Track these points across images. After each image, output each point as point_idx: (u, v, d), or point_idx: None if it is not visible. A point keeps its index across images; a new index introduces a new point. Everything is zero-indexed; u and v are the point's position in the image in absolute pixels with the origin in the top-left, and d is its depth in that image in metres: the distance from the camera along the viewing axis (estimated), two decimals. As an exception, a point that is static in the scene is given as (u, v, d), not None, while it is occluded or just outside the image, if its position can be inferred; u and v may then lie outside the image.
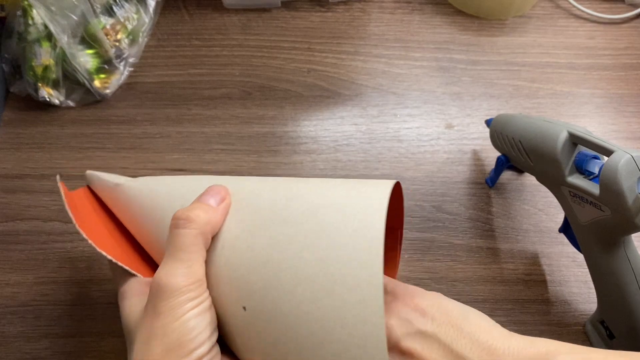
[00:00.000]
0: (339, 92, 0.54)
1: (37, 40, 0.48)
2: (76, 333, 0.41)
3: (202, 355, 0.24)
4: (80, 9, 0.48)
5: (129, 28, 0.53)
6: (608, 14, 0.58)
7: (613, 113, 0.53)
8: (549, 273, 0.45)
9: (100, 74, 0.52)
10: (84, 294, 0.43)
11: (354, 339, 0.24)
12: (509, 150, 0.42)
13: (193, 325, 0.24)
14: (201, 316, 0.25)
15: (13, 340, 0.41)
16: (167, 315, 0.24)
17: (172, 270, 0.25)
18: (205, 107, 0.52)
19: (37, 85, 0.49)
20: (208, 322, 0.25)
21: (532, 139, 0.39)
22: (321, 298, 0.25)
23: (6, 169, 0.49)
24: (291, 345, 0.25)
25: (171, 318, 0.24)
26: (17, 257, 0.45)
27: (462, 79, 0.54)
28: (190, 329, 0.24)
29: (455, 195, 0.48)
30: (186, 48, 0.56)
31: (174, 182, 0.34)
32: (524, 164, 0.41)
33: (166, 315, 0.24)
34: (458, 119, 0.52)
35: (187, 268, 0.25)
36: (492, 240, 0.46)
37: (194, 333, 0.24)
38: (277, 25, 0.58)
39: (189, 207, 0.27)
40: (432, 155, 0.50)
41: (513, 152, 0.41)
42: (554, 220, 0.47)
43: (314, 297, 0.25)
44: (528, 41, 0.57)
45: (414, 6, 0.59)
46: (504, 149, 0.43)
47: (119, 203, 0.35)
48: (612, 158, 0.32)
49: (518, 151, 0.40)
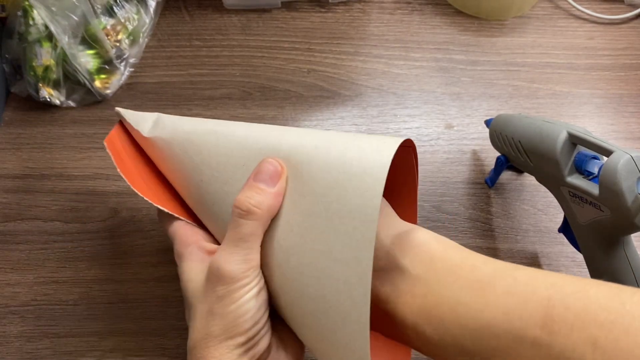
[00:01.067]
0: (339, 92, 0.54)
1: (38, 41, 0.48)
2: (77, 333, 0.42)
3: (255, 332, 0.27)
4: (80, 9, 0.48)
5: (130, 28, 0.53)
6: (607, 14, 0.59)
7: (612, 113, 0.53)
8: (548, 273, 0.45)
9: (101, 74, 0.52)
10: (84, 293, 0.43)
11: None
12: (509, 151, 0.42)
13: (248, 308, 0.27)
14: (254, 299, 0.27)
15: (14, 340, 0.41)
16: (225, 298, 0.27)
17: (232, 257, 0.27)
18: (205, 107, 0.52)
19: (38, 85, 0.49)
20: (261, 303, 0.28)
21: (531, 139, 0.39)
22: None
23: (7, 169, 0.49)
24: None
25: (228, 301, 0.27)
26: (17, 256, 0.45)
27: (462, 79, 0.55)
28: (245, 310, 0.27)
29: (454, 195, 0.48)
30: (186, 48, 0.56)
31: (207, 139, 0.33)
32: (524, 164, 0.41)
33: (224, 299, 0.27)
34: (458, 119, 0.52)
35: (245, 255, 0.27)
36: (492, 240, 0.46)
37: (248, 315, 0.27)
38: (277, 26, 0.58)
39: (249, 194, 0.28)
40: (431, 155, 0.50)
41: (513, 152, 0.41)
42: (554, 220, 0.47)
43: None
44: (528, 41, 0.57)
45: (413, 7, 0.59)
46: (503, 149, 0.43)
47: (152, 151, 0.35)
48: (612, 158, 0.32)
49: (518, 151, 0.41)
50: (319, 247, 0.27)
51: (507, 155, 0.43)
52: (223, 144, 0.32)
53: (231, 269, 0.27)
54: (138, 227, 0.46)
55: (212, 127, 0.33)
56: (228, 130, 0.32)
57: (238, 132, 0.32)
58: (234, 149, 0.31)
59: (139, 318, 0.42)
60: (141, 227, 0.46)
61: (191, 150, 0.33)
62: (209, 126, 0.33)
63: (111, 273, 0.44)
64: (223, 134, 0.32)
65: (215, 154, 0.32)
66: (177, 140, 0.33)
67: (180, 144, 0.33)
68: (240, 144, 0.31)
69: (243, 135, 0.32)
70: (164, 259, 0.44)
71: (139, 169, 0.36)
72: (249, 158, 0.30)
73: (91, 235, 0.45)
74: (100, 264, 0.44)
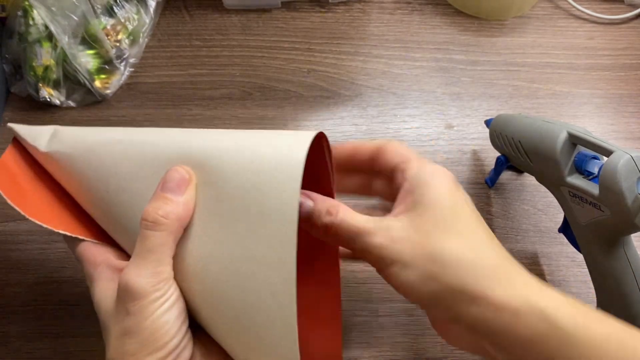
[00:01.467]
0: (339, 92, 0.54)
1: (38, 41, 0.48)
2: (77, 333, 0.42)
3: (175, 345, 0.26)
4: (80, 9, 0.48)
5: (130, 28, 0.53)
6: (607, 14, 0.59)
7: (612, 113, 0.53)
8: (548, 273, 0.45)
9: (101, 74, 0.52)
10: (84, 293, 0.43)
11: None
12: (509, 151, 0.42)
13: (164, 321, 0.26)
14: (170, 311, 0.26)
15: (14, 340, 0.41)
16: (137, 314, 0.25)
17: (140, 271, 0.26)
18: (205, 107, 0.52)
19: (38, 85, 0.49)
20: (178, 314, 0.27)
21: (531, 139, 0.39)
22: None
23: (7, 169, 0.49)
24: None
25: (142, 317, 0.25)
26: (17, 256, 0.45)
27: (462, 79, 0.55)
28: (161, 324, 0.26)
29: (455, 195, 0.48)
30: (186, 48, 0.56)
31: (112, 149, 0.31)
32: (524, 164, 0.41)
33: (137, 315, 0.25)
34: (458, 119, 0.52)
35: (155, 268, 0.26)
36: (492, 240, 0.46)
37: (165, 328, 0.26)
38: (277, 26, 0.58)
39: (156, 204, 0.27)
40: (431, 155, 0.50)
41: (513, 153, 0.41)
42: (554, 220, 0.47)
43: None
44: (527, 41, 0.57)
45: (413, 7, 0.59)
46: (503, 149, 0.43)
47: (51, 167, 0.33)
48: (612, 158, 0.32)
49: (518, 151, 0.41)
50: (240, 252, 0.26)
51: (507, 155, 0.43)
52: (131, 154, 0.30)
53: (140, 284, 0.25)
54: (138, 227, 0.46)
55: (118, 137, 0.31)
56: (137, 138, 0.31)
57: (148, 139, 0.30)
58: (142, 158, 0.30)
59: (139, 318, 0.42)
60: (141, 227, 0.46)
61: (95, 162, 0.31)
62: (115, 135, 0.31)
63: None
64: (131, 142, 0.30)
65: (121, 164, 0.30)
66: (79, 153, 0.31)
67: (82, 156, 0.31)
68: (149, 153, 0.30)
69: (152, 143, 0.30)
70: (164, 259, 0.44)
71: (38, 191, 0.34)
72: (159, 167, 0.29)
73: (91, 235, 0.45)
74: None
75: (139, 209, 0.28)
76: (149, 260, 0.26)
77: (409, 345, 0.42)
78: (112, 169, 0.30)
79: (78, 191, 0.32)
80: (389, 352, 0.41)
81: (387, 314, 0.43)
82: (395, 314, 0.43)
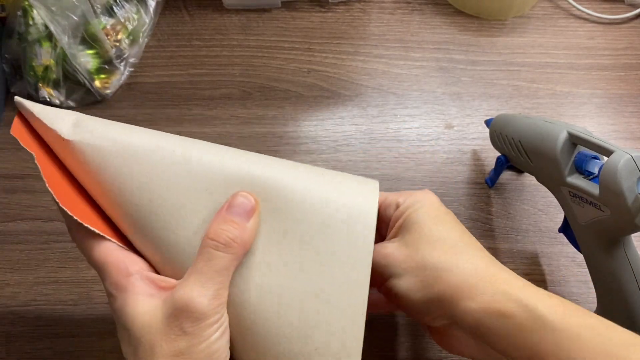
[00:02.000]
0: (339, 92, 0.54)
1: (38, 41, 0.48)
2: (77, 333, 0.42)
3: None
4: (80, 9, 0.48)
5: (130, 28, 0.53)
6: (608, 14, 0.59)
7: (613, 113, 0.53)
8: (548, 273, 0.45)
9: (101, 74, 0.52)
10: (84, 293, 0.43)
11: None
12: (509, 150, 0.42)
13: (217, 347, 0.26)
14: (222, 337, 0.26)
15: (14, 340, 0.41)
16: (194, 336, 0.25)
17: (204, 291, 0.25)
18: (205, 107, 0.52)
19: (38, 85, 0.49)
20: (227, 341, 0.27)
21: (531, 139, 0.39)
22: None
23: (7, 168, 0.49)
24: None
25: (198, 340, 0.25)
26: (17, 257, 0.45)
27: (462, 79, 0.55)
28: (214, 350, 0.25)
29: (455, 195, 0.48)
30: (186, 48, 0.56)
31: (159, 155, 0.29)
32: (524, 164, 0.41)
33: (193, 337, 0.25)
34: (458, 119, 0.52)
35: (217, 290, 0.26)
36: (492, 240, 0.46)
37: (217, 354, 0.26)
38: (277, 26, 0.58)
39: (225, 227, 0.27)
40: (432, 155, 0.50)
41: (513, 152, 0.41)
42: (554, 220, 0.47)
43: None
44: (528, 41, 0.57)
45: (413, 6, 0.59)
46: (503, 149, 0.43)
47: (72, 157, 0.29)
48: (612, 158, 0.32)
49: (518, 151, 0.40)
50: (304, 288, 0.27)
51: (507, 155, 0.43)
52: (179, 164, 0.28)
53: (203, 304, 0.25)
54: (138, 227, 0.46)
55: (162, 143, 0.29)
56: (183, 148, 0.29)
57: (199, 154, 0.29)
58: (195, 171, 0.28)
59: (139, 318, 0.42)
60: (141, 227, 0.46)
61: (136, 166, 0.28)
62: (158, 141, 0.29)
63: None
64: (179, 153, 0.29)
65: (168, 175, 0.28)
66: (114, 150, 0.29)
67: (120, 155, 0.28)
68: (202, 167, 0.29)
69: (202, 158, 0.29)
70: (164, 259, 0.44)
71: (53, 176, 0.30)
72: (214, 184, 0.28)
73: (91, 235, 0.45)
74: (100, 264, 0.44)
75: (188, 224, 0.28)
76: (213, 282, 0.26)
77: (409, 345, 0.42)
78: (159, 175, 0.28)
79: (103, 189, 0.29)
80: (389, 352, 0.41)
81: (387, 314, 0.43)
82: (395, 314, 0.43)
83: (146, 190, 0.28)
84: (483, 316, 0.28)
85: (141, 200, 0.28)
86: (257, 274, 0.27)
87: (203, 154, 0.29)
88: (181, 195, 0.28)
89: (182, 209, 0.28)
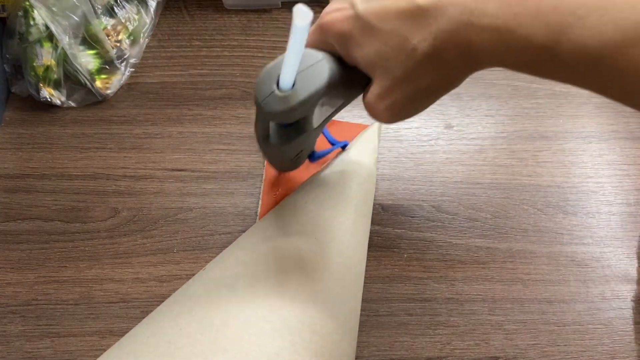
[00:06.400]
0: (339, 92, 0.54)
1: (39, 41, 0.48)
2: (77, 333, 0.42)
3: None
4: (81, 9, 0.48)
5: (130, 29, 0.53)
6: (607, 14, 0.58)
7: (612, 113, 0.53)
8: (547, 272, 0.45)
9: (102, 74, 0.52)
10: (85, 293, 0.43)
11: None
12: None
13: None
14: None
15: (14, 340, 0.41)
16: None
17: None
18: (205, 107, 0.52)
19: (39, 85, 0.49)
20: None
21: None
22: None
23: (7, 168, 0.49)
24: None
25: None
26: (18, 256, 0.45)
27: (462, 79, 0.55)
28: None
29: (454, 195, 0.48)
30: (187, 49, 0.56)
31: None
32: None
33: None
34: (457, 119, 0.52)
35: None
36: (491, 240, 0.46)
37: None
38: (277, 26, 0.58)
39: None
40: (431, 155, 0.50)
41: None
42: (554, 220, 0.47)
43: None
44: (527, 42, 0.57)
45: (413, 7, 0.59)
46: None
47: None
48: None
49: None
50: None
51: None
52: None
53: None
54: (138, 227, 0.46)
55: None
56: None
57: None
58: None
59: (139, 318, 0.42)
60: (141, 226, 0.46)
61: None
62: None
63: (111, 273, 0.44)
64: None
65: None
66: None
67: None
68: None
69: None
70: (163, 259, 0.45)
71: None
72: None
73: (91, 235, 0.46)
74: (100, 264, 0.44)
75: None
76: None
77: (409, 345, 0.42)
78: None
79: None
80: (389, 351, 0.41)
81: (387, 313, 0.43)
82: (395, 314, 0.43)
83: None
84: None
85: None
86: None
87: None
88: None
89: None
